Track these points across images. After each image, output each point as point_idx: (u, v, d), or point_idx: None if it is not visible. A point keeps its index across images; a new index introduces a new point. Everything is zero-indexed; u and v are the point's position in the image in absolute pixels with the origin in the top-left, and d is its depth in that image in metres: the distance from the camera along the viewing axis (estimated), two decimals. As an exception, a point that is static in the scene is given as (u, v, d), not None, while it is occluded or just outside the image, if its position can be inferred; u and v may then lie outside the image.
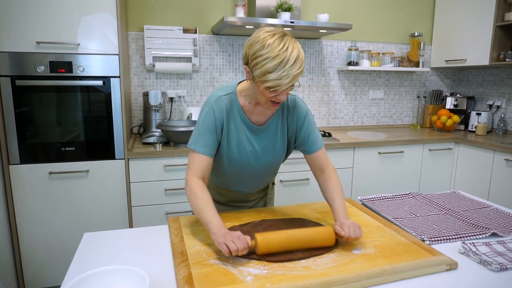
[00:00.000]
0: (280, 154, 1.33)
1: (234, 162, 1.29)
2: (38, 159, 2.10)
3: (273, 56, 1.03)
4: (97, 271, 0.87)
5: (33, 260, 2.18)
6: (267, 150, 1.29)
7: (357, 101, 3.40)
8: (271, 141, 1.29)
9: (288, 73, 1.04)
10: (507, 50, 2.91)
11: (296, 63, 1.05)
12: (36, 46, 1.99)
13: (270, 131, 1.28)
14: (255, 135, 1.27)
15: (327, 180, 1.27)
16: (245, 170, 1.32)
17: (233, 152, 1.27)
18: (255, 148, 1.28)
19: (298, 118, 1.29)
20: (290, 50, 1.05)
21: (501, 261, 1.02)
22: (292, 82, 1.07)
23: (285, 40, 1.06)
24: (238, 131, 1.25)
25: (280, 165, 1.41)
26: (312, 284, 0.88)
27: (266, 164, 1.32)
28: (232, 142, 1.25)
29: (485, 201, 1.53)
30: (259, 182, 1.43)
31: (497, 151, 2.62)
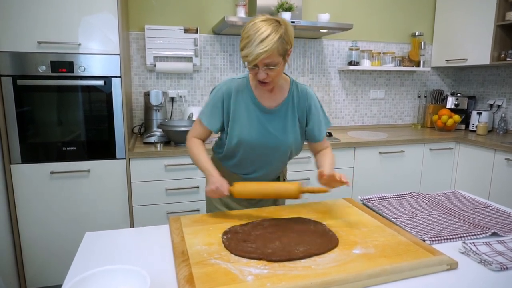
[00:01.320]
0: (291, 137, 1.40)
1: (245, 141, 1.37)
2: (40, 158, 2.10)
3: (246, 36, 1.19)
4: (98, 271, 0.87)
5: (34, 259, 2.19)
6: (277, 131, 1.38)
7: (358, 101, 3.40)
8: (282, 123, 1.38)
9: (252, 51, 1.17)
10: (507, 50, 2.91)
11: (262, 43, 1.16)
12: (37, 46, 2.00)
13: (280, 115, 1.38)
14: (267, 117, 1.37)
15: (322, 155, 1.47)
16: (256, 149, 1.39)
17: (244, 130, 1.36)
18: (265, 127, 1.37)
19: (308, 107, 1.41)
20: (261, 31, 1.16)
21: (501, 261, 1.02)
22: (256, 60, 1.18)
23: (264, 23, 1.18)
24: (248, 111, 1.36)
25: (289, 153, 1.46)
26: (312, 283, 0.89)
27: (276, 144, 1.39)
28: (243, 121, 1.36)
29: (486, 201, 1.53)
30: (270, 166, 1.46)
31: (497, 150, 2.62)
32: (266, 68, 1.22)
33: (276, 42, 1.17)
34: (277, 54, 1.20)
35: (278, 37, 1.17)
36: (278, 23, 1.20)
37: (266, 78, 1.25)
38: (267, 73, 1.23)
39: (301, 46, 3.12)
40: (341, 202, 1.50)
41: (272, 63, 1.21)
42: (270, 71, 1.23)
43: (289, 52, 1.26)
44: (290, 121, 1.39)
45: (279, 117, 1.38)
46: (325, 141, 1.50)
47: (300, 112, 1.41)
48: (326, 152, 1.48)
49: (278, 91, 1.39)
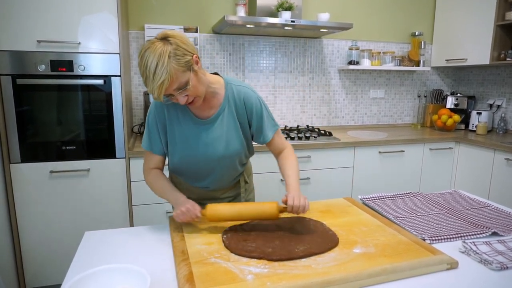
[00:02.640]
0: (234, 146, 1.31)
1: (185, 156, 1.30)
2: (39, 158, 2.10)
3: (141, 73, 1.08)
4: (98, 270, 0.87)
5: (34, 258, 2.19)
6: (217, 142, 1.29)
7: (358, 101, 3.40)
8: (221, 133, 1.29)
9: (152, 88, 1.06)
10: (507, 50, 2.91)
11: (155, 76, 1.04)
12: (37, 45, 1.99)
13: (218, 124, 1.28)
14: (203, 129, 1.28)
15: (284, 159, 1.36)
16: (199, 163, 1.32)
17: (182, 146, 1.29)
18: (203, 141, 1.28)
19: (248, 110, 1.30)
20: (148, 64, 1.05)
21: (501, 260, 1.02)
22: (162, 93, 1.07)
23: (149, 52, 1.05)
24: (181, 125, 1.27)
25: (240, 158, 1.37)
26: (312, 283, 0.88)
27: (219, 156, 1.30)
28: (178, 137, 1.28)
29: (486, 201, 1.53)
30: (219, 177, 1.38)
31: (497, 150, 2.62)
32: (179, 92, 1.11)
33: (168, 65, 1.04)
34: (180, 74, 1.08)
35: (167, 59, 1.04)
36: (165, 41, 1.07)
37: (188, 99, 1.14)
38: (185, 95, 1.12)
39: (301, 45, 3.12)
40: (341, 201, 1.50)
41: (181, 84, 1.09)
42: (186, 91, 1.11)
43: (194, 59, 1.12)
44: (230, 128, 1.29)
45: (217, 126, 1.28)
46: (280, 141, 1.38)
47: (240, 117, 1.30)
48: (286, 157, 1.35)
49: (211, 98, 1.27)
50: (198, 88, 1.15)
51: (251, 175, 1.60)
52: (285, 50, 3.09)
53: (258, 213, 1.17)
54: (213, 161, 1.31)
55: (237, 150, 1.33)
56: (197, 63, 1.14)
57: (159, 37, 1.10)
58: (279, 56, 3.08)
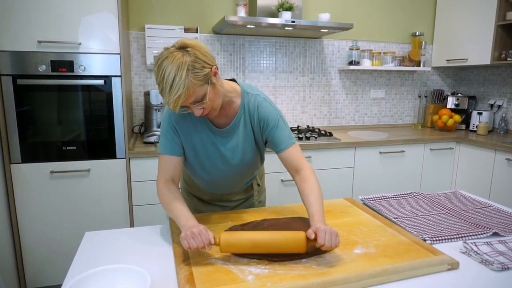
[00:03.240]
0: (249, 156, 1.30)
1: (202, 164, 1.29)
2: (40, 158, 2.10)
3: (157, 82, 1.03)
4: (98, 270, 0.87)
5: (34, 258, 2.19)
6: (233, 152, 1.27)
7: (358, 101, 3.39)
8: (236, 143, 1.26)
9: (169, 100, 1.01)
10: (508, 50, 2.91)
11: (172, 89, 0.99)
12: (38, 45, 1.99)
13: (234, 133, 1.25)
14: (219, 137, 1.25)
15: (303, 183, 1.20)
16: (214, 172, 1.31)
17: (199, 154, 1.26)
18: (219, 150, 1.26)
19: (260, 120, 1.25)
20: (166, 75, 0.99)
21: (502, 261, 1.02)
22: (177, 106, 1.02)
23: (168, 62, 1.00)
24: (199, 132, 1.24)
25: (254, 166, 1.37)
26: (313, 283, 0.88)
27: (234, 166, 1.29)
28: (195, 144, 1.25)
29: (486, 201, 1.53)
30: (233, 184, 1.39)
31: (498, 150, 2.62)
32: (196, 105, 1.07)
33: (186, 79, 0.99)
34: (197, 88, 1.03)
35: (185, 73, 0.99)
36: (184, 51, 1.02)
37: (204, 111, 1.10)
38: (201, 107, 1.08)
39: (301, 45, 3.12)
40: (341, 202, 1.49)
41: (198, 98, 1.05)
42: (202, 105, 1.07)
43: (213, 71, 1.07)
44: (246, 138, 1.27)
45: (231, 137, 1.25)
46: (296, 157, 1.26)
47: (254, 126, 1.26)
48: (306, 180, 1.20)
49: (228, 106, 1.23)
50: (215, 101, 1.11)
51: (263, 177, 1.62)
52: (286, 50, 3.09)
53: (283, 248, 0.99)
54: (229, 170, 1.31)
55: (252, 160, 1.32)
56: (215, 75, 1.09)
57: (177, 46, 1.04)
58: (279, 56, 3.08)
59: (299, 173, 1.24)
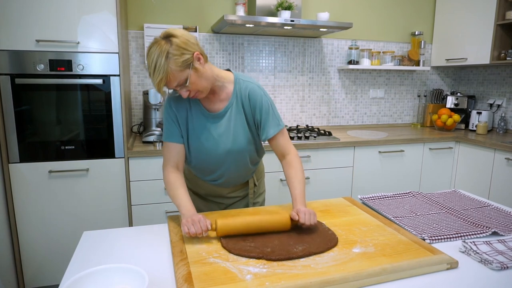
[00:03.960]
0: (241, 141, 1.33)
1: (196, 149, 1.34)
2: (38, 157, 2.10)
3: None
4: (96, 270, 0.87)
5: (32, 258, 2.18)
6: (224, 136, 1.32)
7: (358, 100, 3.39)
8: (228, 127, 1.32)
9: (154, 82, 1.14)
10: (508, 49, 2.91)
11: (155, 72, 1.12)
12: (36, 45, 1.99)
13: (226, 118, 1.32)
14: (211, 122, 1.32)
15: (288, 167, 1.34)
16: (209, 157, 1.35)
17: (192, 139, 1.33)
18: (212, 135, 1.32)
19: (252, 105, 1.32)
20: (151, 59, 1.13)
21: (501, 260, 1.02)
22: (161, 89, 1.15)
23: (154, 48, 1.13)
24: (193, 118, 1.32)
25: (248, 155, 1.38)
26: (312, 283, 0.88)
27: (226, 150, 1.33)
28: (190, 130, 1.33)
29: (486, 200, 1.53)
30: (228, 172, 1.40)
31: (497, 150, 2.62)
32: (180, 88, 1.18)
33: (165, 64, 1.10)
34: (177, 74, 1.13)
35: (164, 59, 1.10)
36: (167, 40, 1.13)
37: (190, 93, 1.20)
38: (186, 90, 1.19)
39: (301, 45, 3.12)
40: (340, 201, 1.49)
41: (180, 82, 1.16)
42: (186, 87, 1.18)
43: (195, 56, 1.16)
44: (238, 123, 1.32)
45: (225, 120, 1.31)
46: (283, 142, 1.36)
47: (246, 112, 1.33)
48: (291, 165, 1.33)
49: (220, 91, 1.31)
50: (199, 84, 1.20)
51: (262, 179, 1.60)
52: (285, 49, 3.09)
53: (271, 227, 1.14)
54: (221, 154, 1.34)
55: (243, 145, 1.35)
56: (199, 60, 1.18)
57: (162, 36, 1.15)
58: (278, 55, 3.08)
59: (285, 158, 1.37)
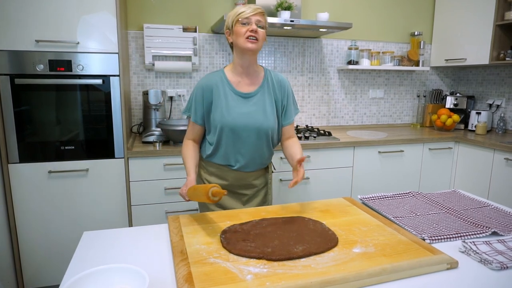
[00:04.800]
0: (271, 118, 1.53)
1: (227, 125, 1.48)
2: (38, 158, 2.09)
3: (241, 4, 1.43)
4: (96, 270, 0.86)
5: (32, 259, 2.18)
6: (258, 113, 1.50)
7: (357, 100, 3.39)
8: (261, 105, 1.51)
9: (250, 7, 1.41)
10: (507, 49, 2.91)
11: (257, 5, 1.43)
12: (35, 45, 1.99)
13: (258, 98, 1.52)
14: (244, 100, 1.50)
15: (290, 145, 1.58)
16: (239, 133, 1.49)
17: (224, 114, 1.47)
18: (244, 110, 1.49)
19: (282, 91, 1.57)
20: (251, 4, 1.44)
21: (501, 260, 1.02)
22: (255, 11, 1.40)
23: None
24: (227, 98, 1.49)
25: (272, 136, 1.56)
26: (312, 283, 0.88)
27: (257, 126, 1.50)
28: (222, 107, 1.48)
29: (485, 200, 1.53)
30: (253, 150, 1.54)
31: (497, 150, 2.62)
32: (257, 26, 1.42)
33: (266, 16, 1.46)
34: (265, 18, 1.45)
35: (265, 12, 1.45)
36: None
37: (259, 36, 1.42)
38: (258, 31, 1.41)
39: (300, 45, 3.12)
40: (340, 201, 1.49)
41: (262, 23, 1.43)
42: (260, 30, 1.43)
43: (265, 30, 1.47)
44: (268, 104, 1.52)
45: (257, 100, 1.51)
46: (292, 129, 1.63)
47: (276, 96, 1.55)
48: (295, 141, 1.60)
49: (254, 76, 1.53)
50: (264, 37, 1.46)
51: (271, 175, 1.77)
52: (284, 49, 3.09)
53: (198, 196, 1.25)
54: (251, 130, 1.50)
55: (272, 122, 1.53)
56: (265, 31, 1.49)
57: None
58: (278, 55, 3.08)
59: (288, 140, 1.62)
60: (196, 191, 1.27)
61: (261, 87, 1.53)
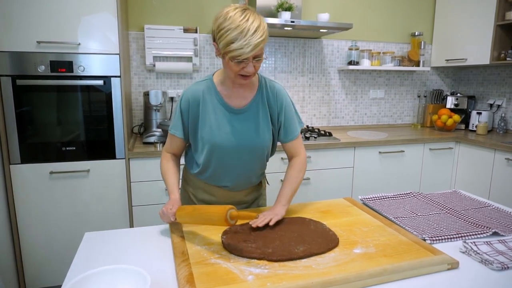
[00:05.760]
0: (265, 137, 1.33)
1: (217, 145, 1.29)
2: (39, 158, 2.10)
3: (234, 27, 1.09)
4: (98, 271, 0.87)
5: (33, 259, 2.18)
6: (250, 131, 1.31)
7: (358, 101, 3.39)
8: (254, 122, 1.31)
9: (249, 42, 1.09)
10: (507, 49, 2.91)
11: (257, 32, 1.10)
12: (37, 46, 1.99)
13: (251, 113, 1.31)
14: (235, 117, 1.30)
15: (289, 168, 1.40)
16: (230, 153, 1.31)
17: (214, 133, 1.29)
18: (236, 128, 1.30)
19: (279, 105, 1.34)
20: (250, 21, 1.10)
21: (502, 260, 1.02)
22: (254, 50, 1.11)
23: (246, 12, 1.12)
24: (216, 113, 1.29)
25: (266, 154, 1.39)
26: (313, 283, 0.88)
27: (250, 146, 1.32)
28: (211, 124, 1.29)
29: (486, 200, 1.53)
30: (245, 171, 1.37)
31: (497, 150, 2.62)
32: (254, 61, 1.16)
33: (267, 31, 1.14)
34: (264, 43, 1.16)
35: (266, 26, 1.14)
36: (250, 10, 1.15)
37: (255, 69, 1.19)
38: (254, 65, 1.17)
39: (301, 45, 3.12)
40: (341, 201, 1.49)
41: (261, 54, 1.17)
42: (257, 63, 1.18)
43: None
44: (261, 120, 1.32)
45: (249, 116, 1.31)
46: (298, 144, 1.39)
47: (271, 109, 1.34)
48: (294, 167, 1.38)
49: (247, 87, 1.32)
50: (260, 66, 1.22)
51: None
52: (285, 50, 3.09)
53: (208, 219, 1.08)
54: (243, 151, 1.32)
55: (267, 140, 1.35)
56: None
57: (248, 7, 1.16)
58: (278, 56, 3.08)
59: (292, 159, 1.42)
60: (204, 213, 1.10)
61: (254, 100, 1.31)
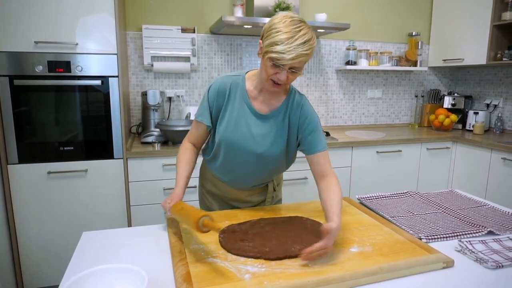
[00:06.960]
0: (276, 149, 1.30)
1: (227, 141, 1.29)
2: (37, 158, 2.10)
3: (286, 31, 1.08)
4: (95, 270, 0.87)
5: (31, 259, 2.18)
6: (264, 139, 1.28)
7: (355, 101, 3.40)
8: (271, 131, 1.28)
9: (293, 49, 1.07)
10: (504, 50, 2.92)
11: (305, 44, 1.08)
12: (35, 46, 1.99)
13: (271, 121, 1.28)
14: (255, 120, 1.28)
15: (327, 191, 1.20)
16: (238, 153, 1.30)
17: (229, 130, 1.28)
18: (251, 133, 1.28)
19: (301, 115, 1.29)
20: (302, 32, 1.09)
21: (497, 259, 1.03)
22: (294, 60, 1.08)
23: (301, 24, 1.11)
24: (238, 111, 1.28)
25: (277, 164, 1.36)
26: (309, 282, 0.89)
27: (260, 152, 1.29)
28: (230, 120, 1.28)
29: (482, 200, 1.54)
30: (251, 174, 1.37)
31: (494, 150, 2.63)
32: (290, 71, 1.14)
33: (314, 48, 1.13)
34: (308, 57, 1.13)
35: (315, 43, 1.12)
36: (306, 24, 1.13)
37: (288, 80, 1.16)
38: (288, 76, 1.14)
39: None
40: (338, 201, 1.50)
41: (299, 67, 1.14)
42: (292, 75, 1.15)
43: None
44: (279, 130, 1.29)
45: (269, 123, 1.28)
46: (326, 163, 1.28)
47: (293, 124, 1.29)
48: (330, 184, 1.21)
49: (275, 95, 1.29)
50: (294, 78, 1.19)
51: (280, 184, 1.57)
52: (283, 50, 3.09)
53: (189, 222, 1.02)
54: (251, 155, 1.30)
55: (277, 154, 1.31)
56: None
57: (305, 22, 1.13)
58: (276, 56, 3.08)
59: (324, 179, 1.25)
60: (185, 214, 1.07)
61: (278, 110, 1.28)
